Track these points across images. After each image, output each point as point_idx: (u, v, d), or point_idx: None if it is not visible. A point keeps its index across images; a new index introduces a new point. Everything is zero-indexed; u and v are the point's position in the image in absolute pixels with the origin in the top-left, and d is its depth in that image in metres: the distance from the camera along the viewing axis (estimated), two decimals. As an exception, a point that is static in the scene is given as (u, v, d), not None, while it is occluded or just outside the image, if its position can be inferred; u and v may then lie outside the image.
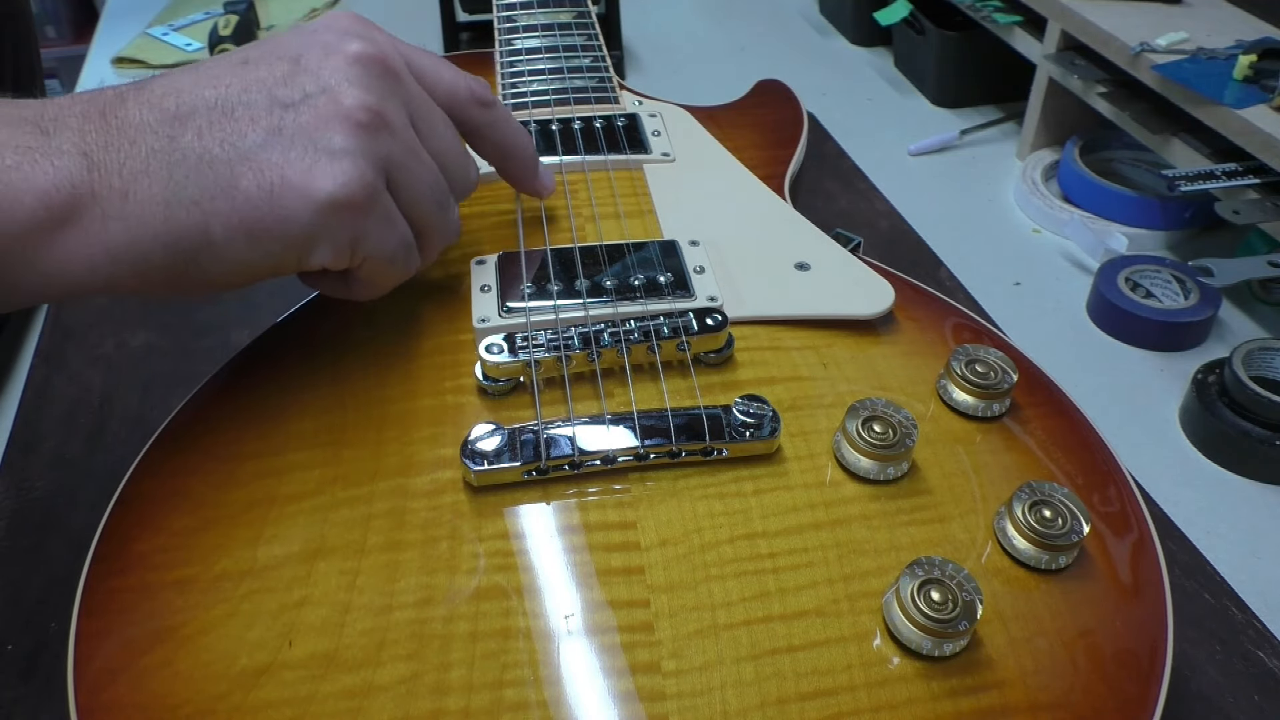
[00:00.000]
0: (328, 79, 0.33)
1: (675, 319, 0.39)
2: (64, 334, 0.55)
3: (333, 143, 0.32)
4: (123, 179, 0.31)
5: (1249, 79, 0.57)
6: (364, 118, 0.33)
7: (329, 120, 0.33)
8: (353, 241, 0.34)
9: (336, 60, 0.34)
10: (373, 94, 0.34)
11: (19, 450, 0.48)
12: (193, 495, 0.35)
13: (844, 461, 0.35)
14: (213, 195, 0.31)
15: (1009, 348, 0.41)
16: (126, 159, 0.31)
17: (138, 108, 0.32)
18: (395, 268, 0.36)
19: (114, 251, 0.31)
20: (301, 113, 0.33)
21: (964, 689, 0.30)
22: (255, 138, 0.32)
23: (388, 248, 0.35)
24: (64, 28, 1.70)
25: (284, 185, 0.32)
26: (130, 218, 0.31)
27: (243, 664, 0.30)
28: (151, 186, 0.31)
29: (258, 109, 0.32)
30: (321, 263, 0.34)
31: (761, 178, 0.50)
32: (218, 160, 0.32)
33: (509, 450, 0.34)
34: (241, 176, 0.32)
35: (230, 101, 0.32)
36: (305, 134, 0.32)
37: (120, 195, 0.31)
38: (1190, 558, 0.43)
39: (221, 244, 0.32)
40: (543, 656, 0.30)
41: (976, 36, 0.76)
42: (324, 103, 0.33)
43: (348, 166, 0.32)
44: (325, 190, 0.32)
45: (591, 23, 0.62)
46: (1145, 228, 0.64)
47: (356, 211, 0.33)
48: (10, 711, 0.37)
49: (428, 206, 0.36)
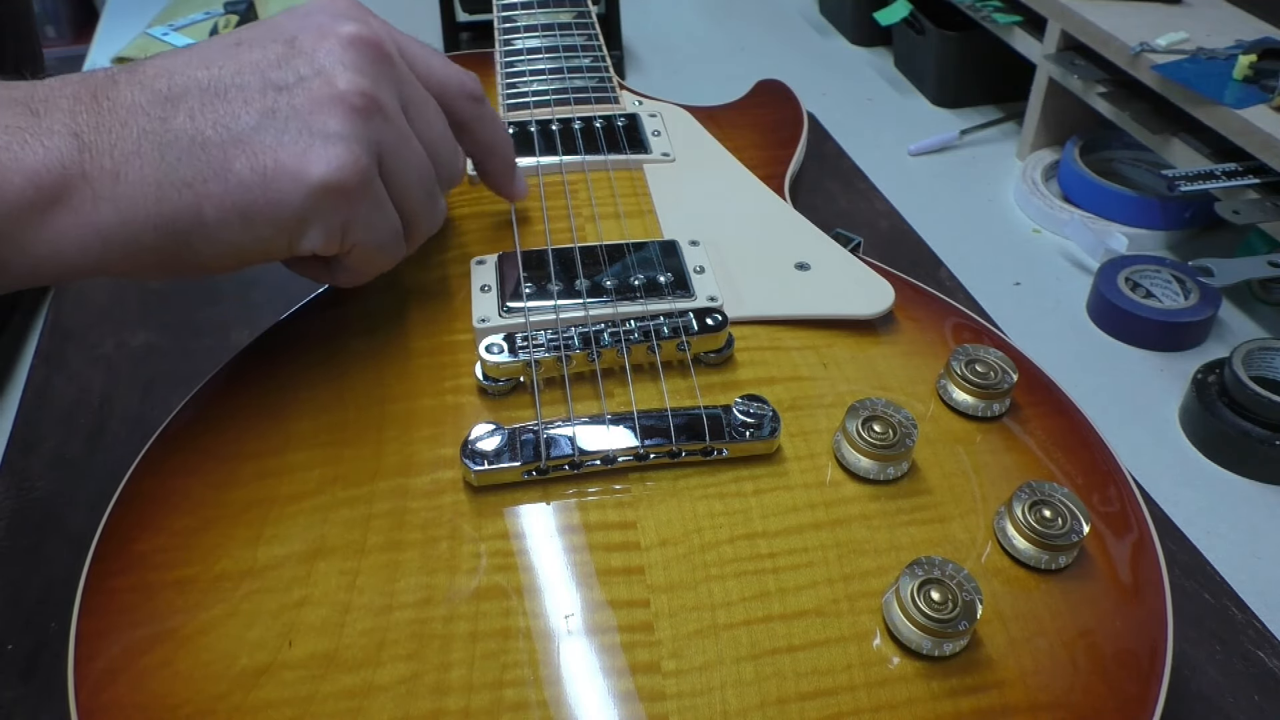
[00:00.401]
0: (322, 61, 0.33)
1: (675, 319, 0.39)
2: (64, 334, 0.55)
3: (326, 126, 0.32)
4: (114, 160, 0.31)
5: (1249, 79, 0.57)
6: (358, 102, 0.33)
7: (323, 103, 0.32)
8: (344, 226, 0.34)
9: (331, 43, 0.33)
10: (367, 78, 0.33)
11: (19, 450, 0.48)
12: (193, 495, 0.35)
13: (844, 461, 0.35)
14: (205, 177, 0.31)
15: (1009, 348, 0.41)
16: (118, 140, 0.31)
17: (129, 89, 0.32)
18: (383, 254, 0.36)
19: (105, 232, 0.31)
20: (295, 95, 0.32)
21: (964, 689, 0.30)
22: (248, 120, 0.32)
23: (378, 234, 0.35)
24: (64, 28, 1.70)
25: (277, 168, 0.32)
26: (122, 199, 0.31)
27: (243, 664, 0.30)
28: (143, 168, 0.31)
29: (251, 91, 0.32)
30: (312, 247, 0.34)
31: (761, 178, 0.50)
32: (210, 142, 0.31)
33: (509, 450, 0.34)
34: (234, 159, 0.31)
35: (223, 83, 0.32)
36: (299, 117, 0.32)
37: (111, 176, 0.31)
38: (1190, 558, 0.43)
39: (214, 226, 0.32)
40: (543, 656, 0.30)
41: (976, 36, 0.76)
42: (318, 85, 0.33)
43: (341, 150, 0.32)
44: (318, 174, 0.32)
45: (591, 23, 0.62)
46: (1145, 228, 0.64)
47: (349, 196, 0.33)
48: (10, 711, 0.37)
49: (417, 194, 0.36)
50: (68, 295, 0.57)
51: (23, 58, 0.67)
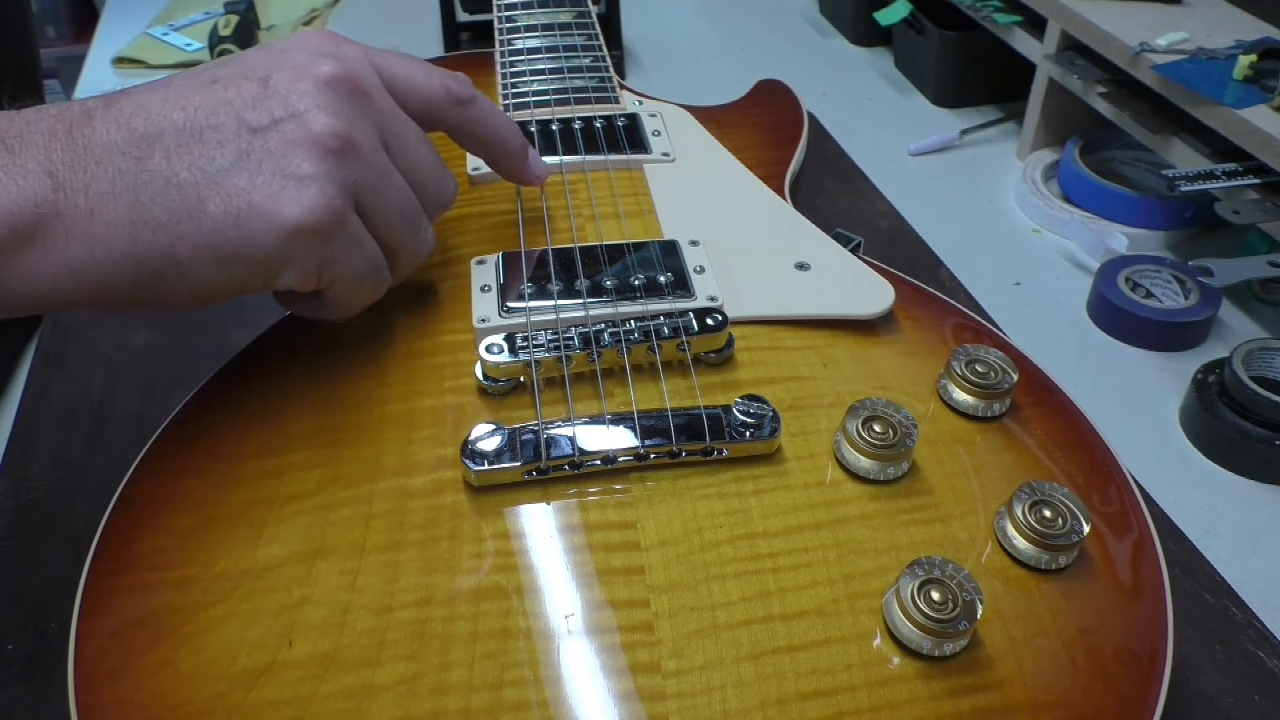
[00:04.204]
0: (296, 104, 0.33)
1: (675, 319, 0.39)
2: (64, 334, 0.55)
3: (300, 169, 0.32)
4: (88, 199, 0.31)
5: (1249, 79, 0.57)
6: (332, 144, 0.33)
7: (297, 146, 0.33)
8: (320, 265, 0.34)
9: (305, 84, 0.34)
10: (342, 119, 0.33)
11: (19, 450, 0.48)
12: (193, 495, 0.35)
13: (844, 461, 0.35)
14: (179, 219, 0.31)
15: (1009, 348, 0.41)
16: (93, 179, 0.31)
17: (105, 127, 0.32)
18: (364, 288, 0.36)
19: (78, 270, 0.31)
20: (270, 138, 0.33)
21: (964, 689, 0.30)
22: (223, 162, 0.32)
23: (356, 270, 0.35)
24: (64, 28, 1.70)
25: (250, 211, 0.32)
26: (95, 238, 0.31)
27: (243, 664, 0.30)
28: (118, 208, 0.31)
29: (225, 132, 0.32)
30: (288, 285, 0.34)
31: (761, 177, 0.50)
32: (185, 184, 0.31)
33: (509, 450, 0.34)
34: (209, 200, 0.32)
35: (198, 124, 0.32)
36: (273, 159, 0.32)
37: (86, 215, 0.31)
38: (1190, 558, 0.43)
39: (187, 265, 0.32)
40: (543, 656, 0.30)
41: (976, 36, 0.76)
42: (292, 128, 0.33)
43: (314, 193, 0.32)
44: (292, 216, 0.32)
45: (591, 23, 0.62)
46: (1145, 228, 0.64)
47: (323, 237, 0.33)
48: (10, 711, 0.37)
49: (399, 227, 0.36)
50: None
51: (21, 63, 0.67)
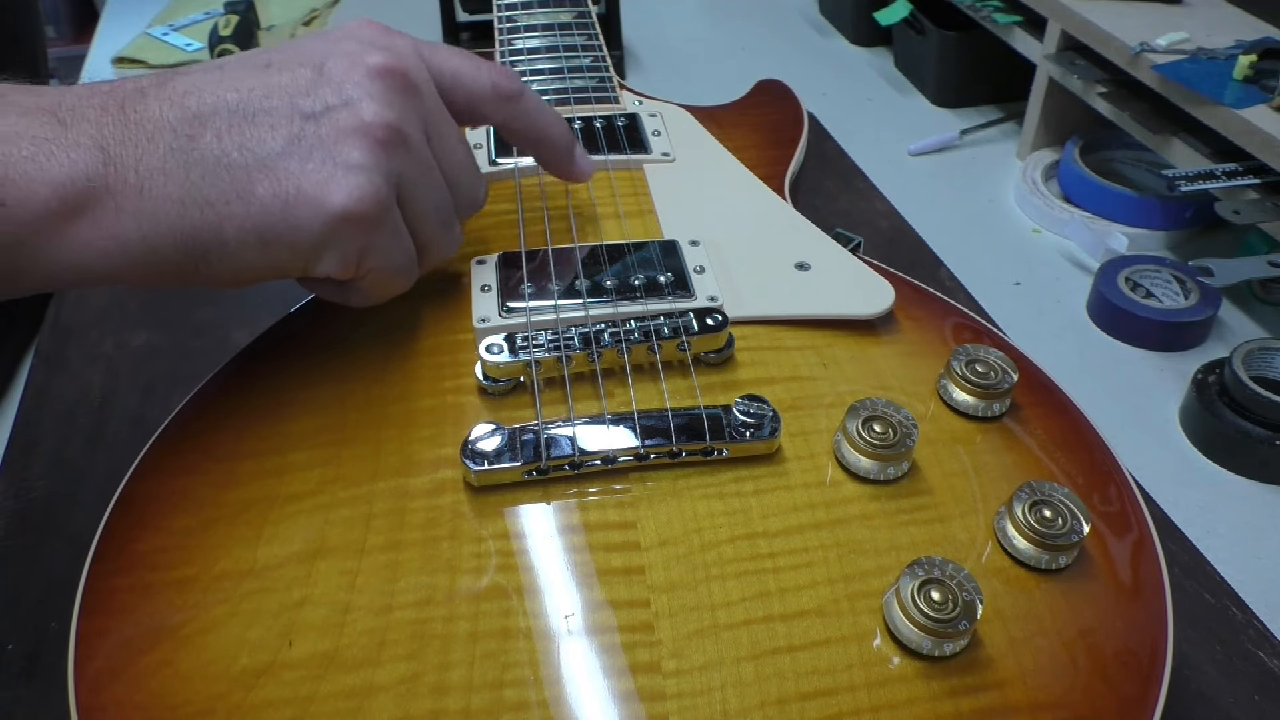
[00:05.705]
0: (350, 92, 0.34)
1: (675, 319, 0.39)
2: (64, 334, 0.55)
3: (350, 157, 0.33)
4: (139, 175, 0.31)
5: (1249, 79, 0.57)
6: (382, 134, 0.33)
7: (348, 134, 0.33)
8: (360, 253, 0.34)
9: (359, 73, 0.34)
10: (393, 110, 0.34)
11: (19, 450, 0.48)
12: (193, 495, 0.35)
13: (844, 461, 0.35)
14: (228, 199, 0.32)
15: (1009, 348, 0.41)
16: (144, 155, 0.31)
17: (158, 104, 0.32)
18: (396, 279, 0.37)
19: (125, 244, 0.31)
20: (322, 124, 0.33)
21: (964, 689, 0.30)
22: (274, 145, 0.32)
23: (393, 261, 0.36)
24: (64, 27, 1.70)
25: (299, 195, 0.32)
26: (144, 213, 0.31)
27: (243, 664, 0.30)
28: (167, 185, 0.31)
29: (278, 116, 0.33)
30: (327, 271, 0.34)
31: (761, 177, 0.50)
32: (235, 165, 0.32)
33: (509, 450, 0.34)
34: (258, 183, 0.32)
35: (252, 106, 0.33)
36: (324, 146, 0.33)
37: (135, 191, 0.31)
38: (1190, 558, 0.43)
39: (233, 245, 0.32)
40: (543, 656, 0.30)
41: (976, 36, 0.76)
42: (345, 116, 0.33)
43: (363, 181, 0.33)
44: (338, 203, 0.33)
45: (591, 23, 0.62)
46: (1145, 228, 0.64)
47: (367, 226, 0.34)
48: (10, 711, 0.37)
49: (433, 223, 0.37)
50: (68, 295, 0.57)
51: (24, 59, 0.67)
